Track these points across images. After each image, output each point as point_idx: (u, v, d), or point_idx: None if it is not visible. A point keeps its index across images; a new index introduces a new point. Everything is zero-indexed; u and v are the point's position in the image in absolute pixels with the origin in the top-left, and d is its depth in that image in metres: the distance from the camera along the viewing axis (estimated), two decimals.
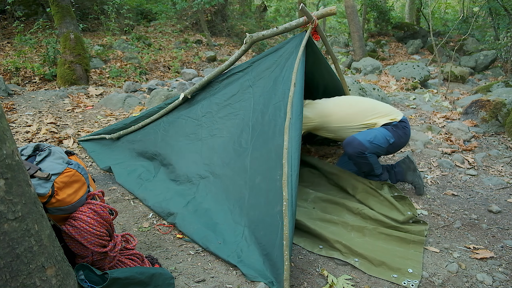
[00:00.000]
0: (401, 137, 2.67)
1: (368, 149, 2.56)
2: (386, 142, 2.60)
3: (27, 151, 1.53)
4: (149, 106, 4.60)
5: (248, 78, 2.62)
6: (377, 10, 13.47)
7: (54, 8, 5.62)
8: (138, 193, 2.54)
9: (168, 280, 1.62)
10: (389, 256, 1.98)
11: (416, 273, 1.87)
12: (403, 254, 2.03)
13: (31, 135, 3.50)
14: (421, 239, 2.16)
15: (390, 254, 2.02)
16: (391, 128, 2.65)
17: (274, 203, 1.90)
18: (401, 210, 2.40)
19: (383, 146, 2.60)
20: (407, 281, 1.81)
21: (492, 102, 4.41)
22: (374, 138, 2.58)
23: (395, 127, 2.65)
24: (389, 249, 2.07)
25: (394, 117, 2.68)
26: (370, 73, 8.68)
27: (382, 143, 2.59)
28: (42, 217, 1.20)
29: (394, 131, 2.64)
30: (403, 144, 2.76)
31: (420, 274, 1.87)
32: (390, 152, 2.80)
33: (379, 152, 2.65)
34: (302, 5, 2.40)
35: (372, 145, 2.57)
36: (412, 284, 1.79)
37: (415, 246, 2.12)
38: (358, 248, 2.01)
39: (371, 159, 2.62)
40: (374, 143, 2.57)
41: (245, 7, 13.69)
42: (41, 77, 6.04)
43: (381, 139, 2.58)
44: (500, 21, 10.59)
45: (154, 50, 8.71)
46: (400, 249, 2.09)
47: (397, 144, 2.69)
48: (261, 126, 2.29)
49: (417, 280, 1.81)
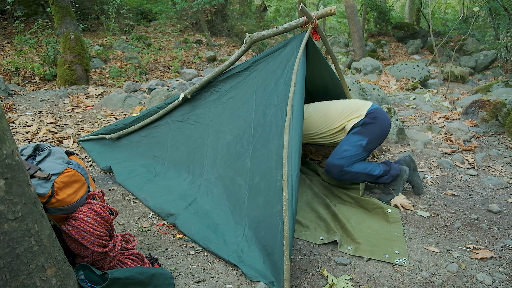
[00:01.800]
0: (375, 130, 2.60)
1: (344, 164, 2.57)
2: (359, 147, 2.57)
3: (27, 151, 1.53)
4: (149, 106, 4.60)
5: (250, 80, 2.63)
6: (377, 10, 13.47)
7: (54, 8, 5.62)
8: (138, 193, 2.54)
9: (168, 280, 1.62)
10: (375, 240, 2.17)
11: (403, 253, 2.06)
12: (387, 236, 2.23)
13: (31, 135, 3.50)
14: (398, 218, 2.43)
15: (377, 237, 2.21)
16: (359, 129, 2.60)
17: (274, 203, 1.91)
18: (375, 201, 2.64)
19: (359, 151, 2.57)
20: (399, 260, 1.99)
21: (492, 102, 4.41)
22: (344, 151, 2.58)
23: (364, 125, 2.59)
24: (374, 233, 2.27)
25: (360, 113, 2.61)
26: (370, 73, 8.68)
27: (355, 151, 2.57)
28: (42, 217, 1.20)
29: (364, 129, 2.59)
30: (384, 133, 2.67)
31: (406, 253, 2.06)
32: (375, 146, 2.71)
33: (359, 158, 2.61)
34: (302, 5, 2.40)
35: (346, 159, 2.56)
36: (404, 262, 1.98)
37: (395, 227, 2.34)
38: (351, 234, 2.19)
39: (356, 169, 2.60)
40: (346, 156, 2.57)
41: (245, 7, 13.69)
42: (41, 77, 6.04)
43: (352, 148, 2.57)
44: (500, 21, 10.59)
45: (154, 50, 8.71)
46: (383, 231, 2.30)
47: (375, 138, 2.62)
48: (262, 127, 2.30)
49: (406, 258, 2.01)
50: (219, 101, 2.74)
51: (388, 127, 2.68)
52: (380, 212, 2.50)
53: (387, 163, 2.74)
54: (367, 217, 2.49)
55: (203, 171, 2.50)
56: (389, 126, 2.68)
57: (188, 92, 2.86)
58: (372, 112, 2.61)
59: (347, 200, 2.70)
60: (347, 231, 2.23)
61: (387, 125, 2.66)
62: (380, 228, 2.34)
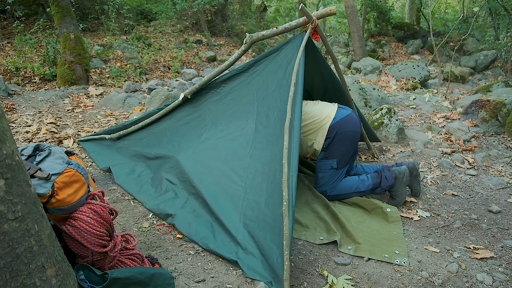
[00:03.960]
0: (339, 147, 2.53)
1: (326, 190, 2.60)
2: (332, 169, 2.56)
3: (27, 151, 1.53)
4: (149, 106, 4.60)
5: (251, 81, 2.62)
6: (377, 10, 13.47)
7: (54, 8, 5.62)
8: (137, 194, 2.54)
9: (168, 280, 1.62)
10: (375, 240, 2.17)
11: (402, 253, 2.06)
12: (387, 236, 2.24)
13: (31, 135, 3.50)
14: (397, 217, 2.43)
15: (377, 237, 2.21)
16: (324, 154, 2.56)
17: (278, 205, 1.91)
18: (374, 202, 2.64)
19: (334, 173, 2.57)
20: (398, 260, 1.99)
21: (492, 102, 4.41)
22: (320, 179, 2.60)
23: (327, 149, 2.54)
24: (374, 233, 2.27)
25: (322, 133, 2.53)
26: (370, 73, 8.68)
27: (330, 174, 2.57)
28: (42, 217, 1.20)
29: (328, 152, 2.55)
30: (351, 143, 2.58)
31: (406, 253, 2.06)
32: (349, 157, 2.62)
33: (338, 177, 2.59)
34: (302, 5, 2.40)
35: (325, 185, 2.58)
36: (404, 262, 1.98)
37: (395, 227, 2.34)
38: (351, 234, 2.20)
39: (341, 191, 2.60)
40: (324, 183, 2.59)
41: (245, 7, 13.69)
42: (41, 77, 6.04)
43: (326, 173, 2.57)
44: (500, 21, 10.59)
45: (154, 50, 8.71)
46: (384, 231, 2.30)
47: (344, 153, 2.56)
48: (265, 129, 2.30)
49: (406, 258, 2.02)
50: (220, 102, 2.74)
51: (353, 133, 2.58)
52: (380, 212, 2.50)
53: (379, 172, 2.65)
54: (367, 217, 2.49)
55: (202, 171, 2.49)
56: (354, 132, 2.58)
57: (188, 92, 2.86)
58: (330, 129, 2.52)
59: (346, 200, 2.69)
60: (347, 231, 2.23)
61: (350, 134, 2.56)
62: (380, 228, 2.34)
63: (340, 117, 2.55)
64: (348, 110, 2.65)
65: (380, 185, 2.60)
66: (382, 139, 3.96)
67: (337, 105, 2.67)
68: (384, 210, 2.48)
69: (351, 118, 2.60)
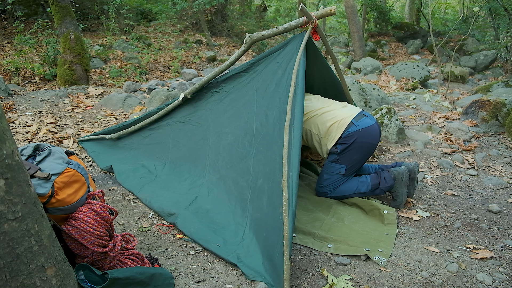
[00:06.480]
0: (352, 155, 2.48)
1: (327, 192, 2.61)
2: (338, 174, 2.54)
3: (27, 151, 1.53)
4: (149, 106, 4.60)
5: (251, 81, 2.62)
6: (377, 10, 13.47)
7: (54, 8, 5.62)
8: (138, 193, 2.54)
9: (168, 280, 1.62)
10: (364, 239, 2.15)
11: (385, 252, 2.03)
12: (377, 236, 2.20)
13: (31, 135, 3.50)
14: (393, 220, 2.37)
15: (366, 237, 2.19)
16: (336, 158, 2.51)
17: (277, 205, 1.91)
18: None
19: (339, 178, 2.55)
20: (378, 257, 1.98)
21: (492, 102, 4.41)
22: (324, 180, 2.60)
23: (341, 153, 2.48)
24: (364, 233, 2.24)
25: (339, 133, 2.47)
26: (370, 73, 8.68)
27: (335, 179, 2.56)
28: (42, 217, 1.20)
29: (341, 157, 2.50)
30: (365, 153, 2.53)
31: (389, 254, 2.02)
32: (358, 167, 2.60)
33: (342, 183, 2.57)
34: (302, 5, 2.40)
35: (328, 187, 2.59)
36: (381, 261, 1.95)
37: (389, 229, 2.30)
38: (334, 234, 2.19)
39: (341, 193, 2.60)
40: (327, 184, 2.59)
41: (245, 7, 13.68)
42: (41, 77, 6.04)
43: (332, 176, 2.56)
44: (500, 21, 10.58)
45: (154, 50, 8.70)
46: (375, 232, 2.26)
47: (356, 162, 2.52)
48: (265, 129, 2.30)
49: (386, 259, 1.98)
50: (220, 102, 2.74)
51: (371, 145, 2.53)
52: (377, 213, 2.46)
53: (378, 173, 2.63)
54: (363, 218, 2.46)
55: (205, 172, 2.51)
56: (372, 144, 2.53)
57: (188, 92, 2.86)
58: (349, 136, 2.45)
59: (345, 200, 2.68)
60: (333, 230, 2.23)
61: (367, 146, 2.51)
62: (373, 229, 2.30)
63: (363, 126, 2.47)
64: (373, 120, 2.56)
65: (379, 186, 2.58)
66: (382, 139, 3.96)
67: (363, 113, 2.58)
68: (381, 212, 2.44)
69: (373, 129, 2.52)
